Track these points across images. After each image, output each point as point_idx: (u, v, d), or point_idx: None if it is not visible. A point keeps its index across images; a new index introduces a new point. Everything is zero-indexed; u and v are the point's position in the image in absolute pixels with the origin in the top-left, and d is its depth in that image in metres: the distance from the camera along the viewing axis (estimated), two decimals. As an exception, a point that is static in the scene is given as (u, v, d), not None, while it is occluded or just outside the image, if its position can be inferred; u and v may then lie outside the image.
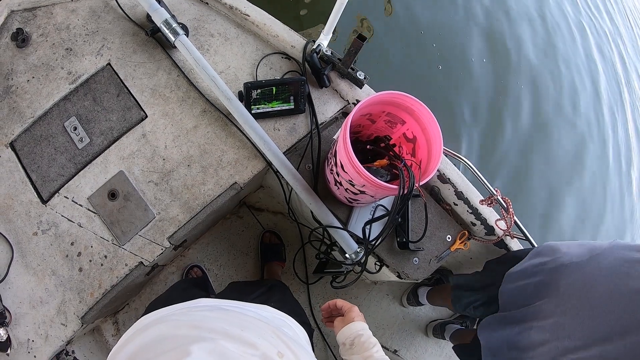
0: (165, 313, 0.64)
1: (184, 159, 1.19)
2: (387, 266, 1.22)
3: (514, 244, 1.38)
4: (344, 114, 1.33)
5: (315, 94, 1.27)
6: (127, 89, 1.22)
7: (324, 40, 1.22)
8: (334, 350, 1.65)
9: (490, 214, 1.31)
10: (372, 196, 1.01)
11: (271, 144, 1.12)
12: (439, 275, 1.70)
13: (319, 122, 1.24)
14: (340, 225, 1.13)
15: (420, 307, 1.81)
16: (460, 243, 1.28)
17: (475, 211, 1.29)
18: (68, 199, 1.15)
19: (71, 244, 1.12)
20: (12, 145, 1.18)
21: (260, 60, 1.29)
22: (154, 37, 1.26)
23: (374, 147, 1.12)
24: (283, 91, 1.18)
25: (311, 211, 1.15)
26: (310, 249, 1.72)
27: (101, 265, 1.11)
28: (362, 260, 1.12)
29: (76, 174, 1.16)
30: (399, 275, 1.23)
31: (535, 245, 1.26)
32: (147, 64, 1.25)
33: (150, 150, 1.19)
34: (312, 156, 1.21)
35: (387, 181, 1.00)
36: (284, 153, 1.15)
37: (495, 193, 1.19)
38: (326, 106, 1.28)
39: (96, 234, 1.13)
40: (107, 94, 1.22)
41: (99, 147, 1.18)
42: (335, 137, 1.05)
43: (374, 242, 1.05)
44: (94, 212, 1.14)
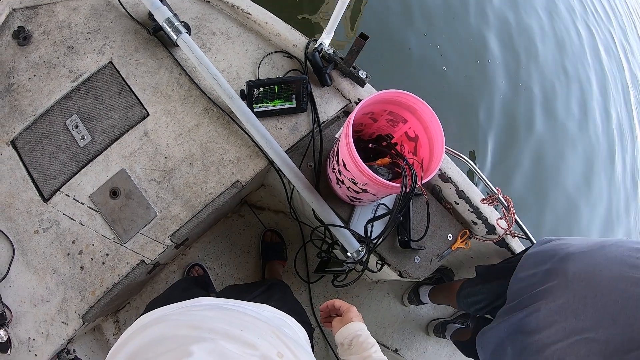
0: (165, 312, 0.64)
1: (185, 157, 1.19)
2: (389, 265, 1.23)
3: (515, 243, 1.39)
4: (346, 113, 1.33)
5: (317, 92, 1.27)
6: (129, 87, 1.22)
7: (325, 39, 1.23)
8: (335, 349, 1.65)
9: (491, 213, 1.31)
10: (374, 195, 1.01)
11: (273, 143, 1.12)
12: (439, 274, 1.70)
13: (321, 121, 1.25)
14: (342, 224, 1.14)
15: (421, 306, 1.81)
16: (462, 242, 1.28)
17: (476, 210, 1.30)
18: (69, 197, 1.14)
19: (72, 242, 1.12)
20: (14, 143, 1.18)
21: (262, 58, 1.29)
22: (155, 36, 1.26)
23: (376, 146, 1.12)
24: (285, 90, 1.18)
25: (313, 210, 1.15)
26: (311, 248, 1.72)
27: (102, 263, 1.11)
28: (364, 259, 1.12)
29: (78, 172, 1.16)
30: (400, 274, 1.24)
31: None
32: (149, 62, 1.25)
33: (152, 148, 1.19)
34: (314, 155, 1.22)
35: (389, 180, 1.00)
36: (286, 152, 1.15)
37: (496, 192, 1.19)
38: (328, 105, 1.28)
39: (98, 232, 1.13)
40: (109, 92, 1.22)
41: (101, 145, 1.18)
42: (337, 136, 1.05)
43: (375, 241, 1.05)
44: (95, 211, 1.14)
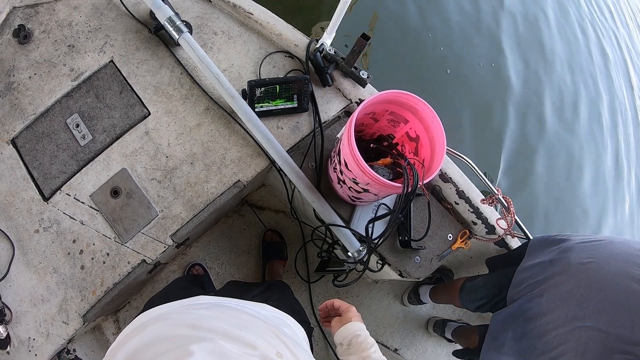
0: (163, 311, 0.63)
1: (187, 156, 1.19)
2: (389, 264, 1.23)
3: (515, 243, 1.39)
4: (347, 113, 1.34)
5: (319, 92, 1.28)
6: (130, 86, 1.22)
7: (327, 39, 1.23)
8: (335, 348, 1.65)
9: (491, 213, 1.32)
10: (376, 194, 1.02)
11: (274, 142, 1.12)
12: (439, 274, 1.71)
13: (322, 121, 1.25)
14: (343, 224, 1.14)
15: (421, 306, 1.81)
16: (462, 242, 1.29)
17: (476, 210, 1.30)
18: (70, 196, 1.14)
19: (73, 241, 1.12)
20: (14, 142, 1.18)
21: (264, 58, 1.29)
22: (157, 35, 1.26)
23: (377, 146, 1.12)
24: (286, 89, 1.18)
25: (314, 209, 1.16)
26: (311, 248, 1.72)
27: (103, 263, 1.11)
28: (365, 259, 1.12)
29: (78, 171, 1.16)
30: (400, 274, 1.24)
31: None
32: (150, 62, 1.25)
33: (153, 147, 1.18)
34: (315, 155, 1.22)
35: (390, 180, 1.01)
36: (287, 151, 1.15)
37: (496, 192, 1.19)
38: (329, 105, 1.28)
39: (98, 231, 1.13)
40: (110, 91, 1.21)
41: (102, 145, 1.18)
42: (338, 136, 1.05)
43: (376, 241, 1.06)
44: (96, 210, 1.14)
